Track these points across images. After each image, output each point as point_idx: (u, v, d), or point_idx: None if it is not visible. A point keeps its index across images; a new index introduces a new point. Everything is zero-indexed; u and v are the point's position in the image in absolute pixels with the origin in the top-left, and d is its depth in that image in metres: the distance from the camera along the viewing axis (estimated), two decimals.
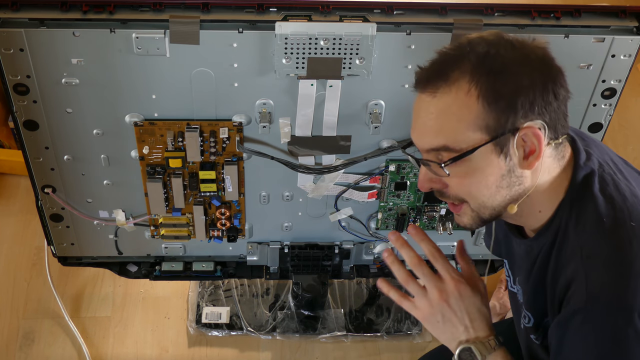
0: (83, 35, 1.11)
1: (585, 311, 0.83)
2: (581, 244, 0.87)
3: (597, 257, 0.85)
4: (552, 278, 0.91)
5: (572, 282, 0.86)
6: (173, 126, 1.25)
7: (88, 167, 1.31)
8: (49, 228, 1.42)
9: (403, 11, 1.15)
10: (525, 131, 0.84)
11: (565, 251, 0.89)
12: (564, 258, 0.89)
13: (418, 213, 1.44)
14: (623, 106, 2.16)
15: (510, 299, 1.13)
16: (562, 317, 0.87)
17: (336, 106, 1.22)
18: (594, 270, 0.84)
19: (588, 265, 0.85)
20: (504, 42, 0.85)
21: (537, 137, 0.84)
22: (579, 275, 0.85)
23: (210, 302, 1.73)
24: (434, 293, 0.96)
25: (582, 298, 0.84)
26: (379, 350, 1.69)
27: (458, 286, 0.96)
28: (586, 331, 0.84)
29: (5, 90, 1.18)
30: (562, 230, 0.90)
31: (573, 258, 0.87)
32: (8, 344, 1.67)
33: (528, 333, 1.02)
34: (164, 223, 1.42)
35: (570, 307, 0.85)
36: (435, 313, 0.96)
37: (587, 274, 0.84)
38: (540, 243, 0.94)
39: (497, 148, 0.85)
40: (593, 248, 0.86)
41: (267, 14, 1.13)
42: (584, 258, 0.86)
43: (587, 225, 0.87)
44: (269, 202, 1.40)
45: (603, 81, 1.22)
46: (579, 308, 0.84)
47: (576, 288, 0.85)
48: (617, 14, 1.16)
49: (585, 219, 0.88)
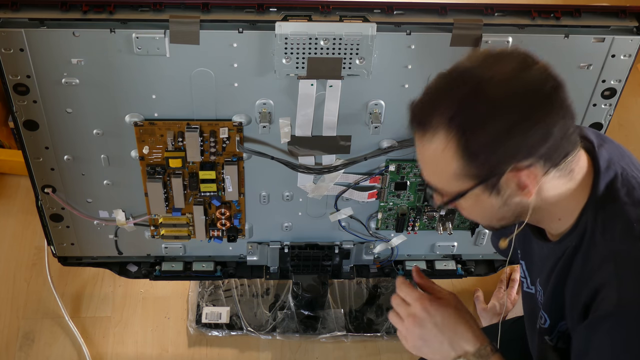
0: (83, 35, 1.11)
1: (615, 316, 0.83)
2: (612, 250, 0.86)
3: (629, 263, 0.84)
4: (577, 283, 0.91)
5: (602, 288, 0.85)
6: (173, 126, 1.25)
7: (88, 167, 1.31)
8: (49, 228, 1.42)
9: (403, 11, 1.15)
10: (513, 173, 0.82)
11: (593, 257, 0.88)
12: (592, 264, 0.88)
13: (418, 213, 1.44)
14: (623, 106, 2.16)
15: (524, 300, 1.13)
16: (591, 321, 0.86)
17: (336, 106, 1.22)
18: (626, 276, 0.84)
19: (620, 271, 0.84)
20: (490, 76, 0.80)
21: (527, 175, 0.83)
22: (610, 281, 0.84)
23: (210, 302, 1.73)
24: (408, 320, 0.99)
25: (613, 303, 0.83)
26: (379, 350, 1.69)
27: (423, 304, 0.98)
28: (615, 336, 0.83)
29: (5, 90, 1.18)
30: (589, 235, 0.89)
31: (603, 264, 0.86)
32: (8, 344, 1.67)
33: (543, 334, 1.02)
34: (164, 223, 1.42)
35: (599, 312, 0.85)
36: (415, 338, 0.98)
37: (619, 280, 0.84)
38: (563, 246, 0.93)
39: (487, 189, 0.85)
40: (625, 254, 0.85)
41: (267, 14, 1.13)
42: (615, 264, 0.85)
43: (617, 232, 0.87)
44: (269, 202, 1.40)
45: (603, 81, 1.22)
46: (610, 313, 0.83)
47: (607, 294, 0.84)
48: (617, 14, 1.16)
49: (613, 226, 0.87)
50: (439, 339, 0.96)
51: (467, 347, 0.96)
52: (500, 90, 0.79)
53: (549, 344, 1.01)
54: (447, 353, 0.96)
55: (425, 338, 0.97)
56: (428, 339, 0.97)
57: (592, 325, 0.86)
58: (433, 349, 0.97)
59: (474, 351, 0.95)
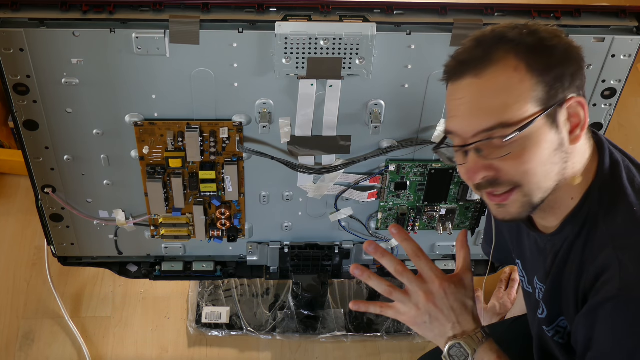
0: (83, 35, 1.11)
1: (617, 299, 0.83)
2: (613, 234, 0.87)
3: (631, 246, 0.85)
4: (577, 270, 0.91)
5: (603, 272, 0.86)
6: (173, 126, 1.25)
7: (88, 167, 1.31)
8: (49, 228, 1.42)
9: (403, 11, 1.15)
10: (571, 102, 0.86)
11: (594, 242, 0.89)
12: (592, 249, 0.89)
13: (418, 213, 1.44)
14: (623, 106, 2.16)
15: (525, 298, 1.14)
16: (592, 305, 0.86)
17: (336, 106, 1.22)
18: (628, 259, 0.84)
19: (622, 254, 0.84)
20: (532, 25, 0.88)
21: (582, 107, 0.87)
22: (612, 264, 0.85)
23: (210, 302, 1.73)
24: (419, 295, 0.97)
25: (615, 286, 0.83)
26: (379, 350, 1.69)
27: (442, 284, 0.96)
28: (618, 320, 0.83)
29: (5, 90, 1.18)
30: (591, 220, 0.90)
31: (605, 248, 0.86)
32: (8, 344, 1.67)
33: (541, 324, 1.02)
34: (164, 223, 1.42)
35: (600, 295, 0.85)
36: (422, 315, 0.97)
37: (621, 263, 0.84)
38: (563, 236, 0.93)
39: (549, 120, 0.86)
40: (627, 237, 0.86)
41: (267, 14, 1.13)
42: (617, 248, 0.85)
43: (619, 216, 0.88)
44: (269, 202, 1.40)
45: (603, 81, 1.22)
46: (612, 296, 0.83)
47: (608, 277, 0.85)
48: (617, 14, 1.16)
49: (616, 210, 0.88)
50: (445, 319, 0.96)
51: (466, 328, 0.96)
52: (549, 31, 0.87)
53: (547, 335, 1.01)
54: (446, 333, 0.96)
55: (434, 317, 0.96)
56: (436, 318, 0.96)
57: (593, 309, 0.86)
58: (433, 327, 0.97)
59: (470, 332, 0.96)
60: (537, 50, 0.85)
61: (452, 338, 0.96)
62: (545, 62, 0.85)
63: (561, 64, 0.86)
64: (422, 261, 0.98)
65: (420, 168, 1.34)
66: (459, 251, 1.03)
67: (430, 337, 0.98)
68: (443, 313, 0.96)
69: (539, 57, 0.85)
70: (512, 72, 0.85)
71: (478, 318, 0.98)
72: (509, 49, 0.86)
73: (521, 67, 0.85)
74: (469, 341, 0.95)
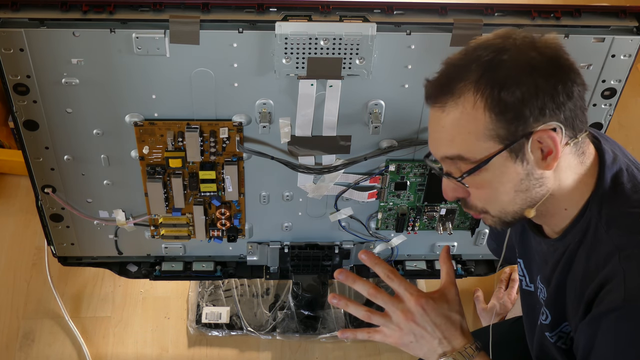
0: (83, 35, 1.11)
1: (621, 310, 0.82)
2: (618, 244, 0.86)
3: (636, 256, 0.84)
4: (581, 279, 0.90)
5: (608, 282, 0.85)
6: (173, 126, 1.25)
7: (88, 167, 1.31)
8: (49, 228, 1.42)
9: (403, 11, 1.15)
10: (539, 134, 0.83)
11: (598, 253, 0.88)
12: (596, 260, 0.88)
13: (418, 213, 1.44)
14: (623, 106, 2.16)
15: (523, 298, 1.13)
16: (595, 315, 0.86)
17: (336, 106, 1.22)
18: (633, 269, 0.83)
19: (627, 264, 0.84)
20: (509, 45, 0.84)
21: (552, 139, 0.84)
22: (616, 274, 0.84)
23: (210, 302, 1.73)
24: (398, 316, 0.96)
25: (620, 296, 0.82)
26: (379, 350, 1.69)
27: (418, 301, 0.96)
28: (621, 330, 0.83)
29: (5, 90, 1.18)
30: (592, 230, 0.89)
31: (610, 259, 0.86)
32: (8, 344, 1.67)
33: (544, 330, 1.02)
34: (164, 223, 1.42)
35: (604, 304, 0.84)
36: (406, 334, 0.96)
37: (625, 273, 0.83)
38: (565, 243, 0.93)
39: (512, 154, 0.85)
40: (631, 248, 0.85)
41: (267, 14, 1.13)
42: (622, 258, 0.85)
43: (623, 226, 0.87)
44: (269, 202, 1.40)
45: (603, 81, 1.22)
46: (616, 306, 0.83)
47: (613, 287, 0.84)
48: (617, 14, 1.16)
49: (620, 220, 0.87)
50: (430, 336, 0.95)
51: (455, 344, 0.95)
52: (523, 52, 0.83)
53: (549, 341, 1.01)
54: (434, 350, 0.96)
55: (418, 336, 0.96)
56: (421, 336, 0.96)
57: (596, 319, 0.85)
58: (421, 345, 0.96)
59: (460, 348, 0.95)
60: (500, 86, 0.82)
61: (442, 355, 0.95)
62: (506, 100, 0.82)
63: (525, 100, 0.82)
64: (394, 281, 0.98)
65: (420, 168, 1.34)
66: (442, 266, 1.03)
67: (421, 355, 0.97)
68: (426, 330, 0.95)
69: (499, 94, 0.82)
70: (470, 110, 0.84)
71: (468, 332, 0.97)
72: (470, 83, 0.84)
73: (479, 104, 0.83)
74: (459, 357, 0.94)
